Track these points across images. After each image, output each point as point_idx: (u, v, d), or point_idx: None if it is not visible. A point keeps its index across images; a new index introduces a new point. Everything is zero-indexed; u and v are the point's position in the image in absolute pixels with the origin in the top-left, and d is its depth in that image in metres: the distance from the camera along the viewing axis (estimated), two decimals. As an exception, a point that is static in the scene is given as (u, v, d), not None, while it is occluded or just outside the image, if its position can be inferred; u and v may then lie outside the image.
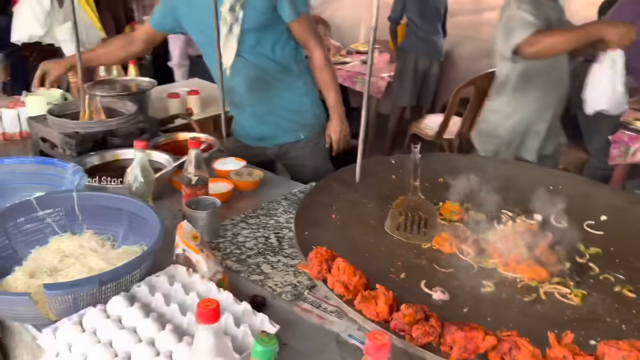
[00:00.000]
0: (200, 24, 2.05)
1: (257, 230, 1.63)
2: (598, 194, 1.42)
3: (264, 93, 2.12)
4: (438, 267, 1.12)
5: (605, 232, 1.26)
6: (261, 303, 1.31)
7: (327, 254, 0.97)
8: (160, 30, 2.19)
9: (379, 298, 0.87)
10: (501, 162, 1.57)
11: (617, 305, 1.02)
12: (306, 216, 1.22)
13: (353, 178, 1.46)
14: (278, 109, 2.14)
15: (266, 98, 2.13)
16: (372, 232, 1.21)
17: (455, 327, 0.80)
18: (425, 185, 1.45)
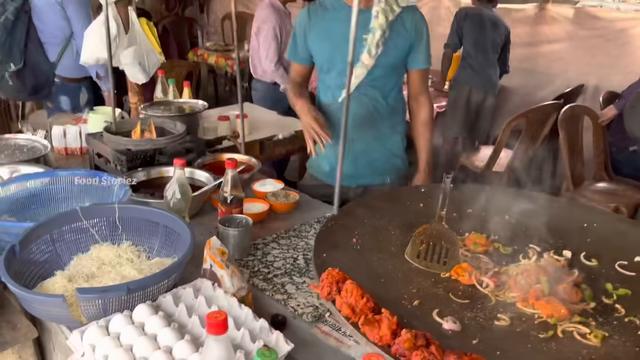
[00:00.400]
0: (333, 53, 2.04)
1: (287, 251, 1.67)
2: (635, 233, 1.36)
3: (368, 131, 2.10)
4: (454, 297, 1.11)
5: (638, 274, 1.21)
6: (281, 322, 1.34)
7: (338, 275, 0.99)
8: (306, 65, 2.16)
9: (383, 322, 0.88)
10: (535, 197, 1.54)
11: (638, 349, 0.97)
12: (327, 238, 1.25)
13: (380, 204, 1.47)
14: (377, 148, 2.13)
15: (368, 136, 2.11)
16: (391, 258, 1.22)
17: (455, 357, 0.80)
18: (453, 215, 1.45)
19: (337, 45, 2.00)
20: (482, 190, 1.63)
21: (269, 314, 1.37)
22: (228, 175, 1.66)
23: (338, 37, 1.98)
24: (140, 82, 2.89)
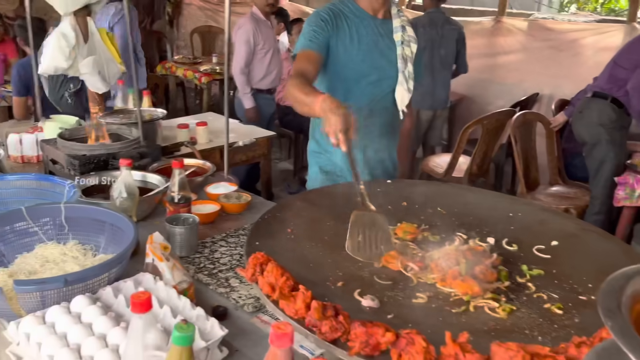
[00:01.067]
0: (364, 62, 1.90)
1: (235, 249, 1.72)
2: (554, 220, 1.45)
3: (388, 140, 2.05)
4: (378, 279, 1.18)
5: (553, 256, 1.30)
6: (222, 312, 1.39)
7: (263, 258, 1.05)
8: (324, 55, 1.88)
9: (298, 297, 0.94)
10: (467, 189, 1.63)
11: (541, 320, 1.05)
12: (262, 229, 1.30)
13: (318, 198, 1.54)
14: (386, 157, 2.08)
15: (385, 145, 2.05)
16: (323, 247, 1.28)
17: (359, 323, 0.86)
18: (388, 207, 1.52)
19: (369, 55, 1.90)
20: (419, 185, 1.71)
21: (212, 305, 1.42)
22: (175, 176, 1.71)
23: (368, 45, 1.90)
24: (100, 91, 2.93)
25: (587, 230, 1.40)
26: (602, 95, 3.43)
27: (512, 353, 0.79)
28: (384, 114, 1.97)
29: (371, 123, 1.91)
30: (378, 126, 1.97)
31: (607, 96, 3.41)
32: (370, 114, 1.91)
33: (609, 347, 0.72)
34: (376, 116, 1.95)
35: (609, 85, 3.41)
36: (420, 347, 0.82)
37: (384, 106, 1.96)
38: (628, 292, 0.67)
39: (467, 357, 0.80)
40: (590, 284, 1.18)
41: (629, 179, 3.19)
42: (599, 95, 3.45)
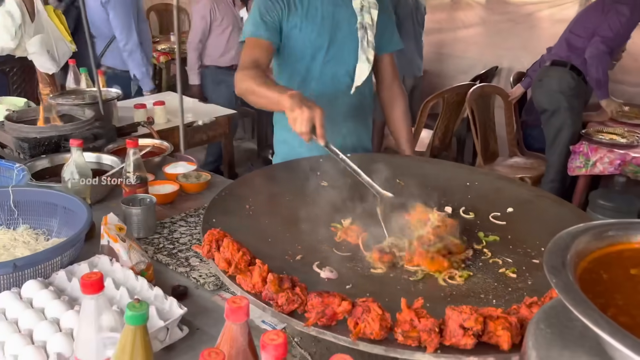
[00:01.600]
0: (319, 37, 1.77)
1: (194, 228, 1.69)
2: (510, 188, 1.48)
3: (355, 124, 1.89)
4: (337, 251, 1.18)
5: (508, 222, 1.32)
6: (182, 292, 1.37)
7: (219, 234, 1.03)
8: (275, 43, 1.76)
9: (255, 271, 0.93)
10: (425, 161, 1.64)
11: (496, 284, 1.07)
12: (220, 205, 1.28)
13: (278, 174, 1.53)
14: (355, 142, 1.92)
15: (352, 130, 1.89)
16: (282, 221, 1.27)
17: (315, 294, 0.86)
18: (348, 181, 1.51)
19: (324, 29, 1.75)
20: (379, 158, 1.71)
21: (171, 285, 1.40)
22: (130, 156, 1.66)
23: (323, 19, 1.75)
24: (50, 71, 2.81)
25: (541, 197, 1.43)
26: (562, 63, 3.51)
27: (465, 315, 0.81)
28: (349, 94, 1.82)
29: (335, 105, 1.79)
30: (343, 108, 1.83)
31: (566, 64, 3.48)
32: (334, 96, 1.80)
33: (555, 305, 0.73)
34: (340, 97, 1.82)
35: (567, 54, 3.48)
36: (375, 314, 0.82)
37: (348, 85, 1.81)
38: (573, 250, 0.69)
39: (421, 322, 0.81)
40: (544, 247, 1.20)
41: (584, 148, 3.28)
42: (559, 64, 3.52)
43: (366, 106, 1.89)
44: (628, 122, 3.69)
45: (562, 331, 0.68)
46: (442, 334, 0.82)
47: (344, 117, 1.84)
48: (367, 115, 1.93)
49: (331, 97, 1.78)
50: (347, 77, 1.79)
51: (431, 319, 0.82)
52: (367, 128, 1.95)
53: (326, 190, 1.47)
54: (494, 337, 0.81)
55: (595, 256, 0.71)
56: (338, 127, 1.82)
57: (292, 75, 1.81)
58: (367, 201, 1.41)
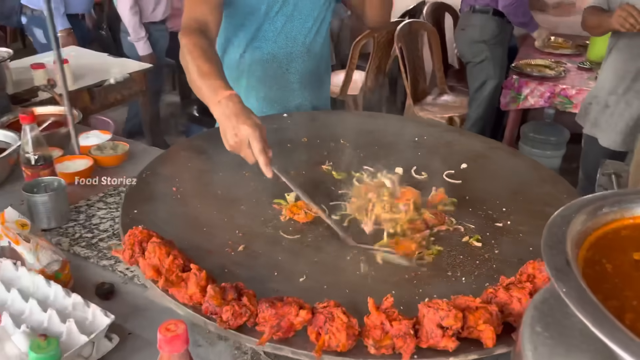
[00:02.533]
0: None
1: (116, 210, 1.49)
2: (460, 141, 1.38)
3: (311, 92, 1.64)
4: (284, 234, 1.04)
5: (464, 181, 1.23)
6: (108, 290, 1.19)
7: (142, 234, 0.86)
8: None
9: (190, 280, 0.77)
10: (368, 116, 1.51)
11: (462, 257, 0.98)
12: (141, 191, 1.09)
13: (207, 144, 1.34)
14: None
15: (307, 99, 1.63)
16: (216, 204, 1.11)
17: (267, 304, 0.72)
18: (287, 146, 1.36)
19: None
20: (319, 116, 1.56)
21: (95, 284, 1.22)
22: (27, 132, 1.41)
23: None
24: None
25: (494, 149, 1.35)
26: (484, 10, 3.42)
27: (443, 313, 0.70)
28: (307, 58, 1.58)
29: (289, 70, 1.56)
30: (297, 75, 1.59)
31: (488, 10, 3.40)
32: (288, 59, 1.55)
33: (547, 298, 0.64)
34: (296, 62, 1.57)
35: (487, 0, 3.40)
36: (340, 322, 0.70)
37: (306, 48, 1.56)
38: (569, 239, 0.59)
39: (394, 325, 0.70)
40: (504, 207, 1.12)
41: (514, 82, 3.26)
42: (481, 11, 3.43)
43: (322, 71, 1.66)
44: (554, 52, 3.71)
45: (561, 333, 0.58)
46: (417, 335, 0.71)
47: (299, 84, 1.60)
48: (324, 81, 1.70)
49: (285, 61, 1.55)
50: (303, 35, 1.54)
51: (404, 321, 0.70)
52: (325, 95, 1.73)
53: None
54: (475, 331, 0.72)
55: (592, 240, 0.61)
56: (292, 96, 1.61)
57: (240, 34, 1.53)
58: (314, 170, 1.27)
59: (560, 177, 1.20)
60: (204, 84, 1.19)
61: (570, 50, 3.75)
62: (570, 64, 3.47)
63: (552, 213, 1.08)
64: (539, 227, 1.04)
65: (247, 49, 1.52)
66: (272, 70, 1.54)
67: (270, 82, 1.55)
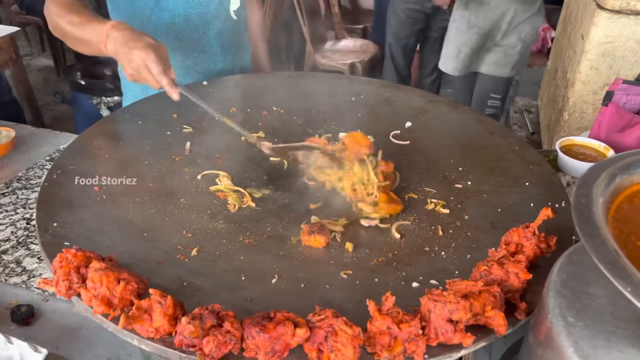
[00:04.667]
0: None
1: (15, 212, 1.26)
2: (400, 98, 1.31)
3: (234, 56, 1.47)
4: (240, 228, 0.91)
5: (411, 141, 1.17)
6: (26, 314, 1.01)
7: (77, 258, 0.69)
8: None
9: (154, 310, 0.64)
10: (297, 77, 1.38)
11: (433, 227, 0.92)
12: (55, 197, 0.90)
13: (123, 126, 1.15)
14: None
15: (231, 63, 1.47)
16: (151, 200, 0.95)
17: (257, 329, 0.61)
18: (215, 120, 1.20)
19: None
20: (242, 81, 1.41)
21: (8, 307, 1.02)
22: None
23: None
24: None
25: (434, 102, 1.29)
26: None
27: (451, 306, 0.64)
28: (225, 18, 1.40)
29: (207, 34, 1.38)
30: (217, 38, 1.42)
31: None
32: (205, 20, 1.36)
33: (566, 280, 0.60)
34: (214, 23, 1.38)
35: None
36: (345, 336, 0.61)
37: (223, 6, 1.39)
38: (597, 214, 0.54)
39: (403, 328, 0.63)
40: (460, 167, 1.08)
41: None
42: None
43: (242, 31, 1.49)
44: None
45: (594, 319, 0.55)
46: (424, 332, 0.65)
47: (220, 48, 1.42)
48: (245, 43, 1.53)
49: (200, 23, 1.35)
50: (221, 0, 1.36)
51: (413, 321, 0.64)
52: (248, 59, 1.56)
53: (193, 137, 1.15)
54: (482, 318, 0.67)
55: (612, 215, 0.57)
56: (213, 62, 1.42)
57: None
58: (247, 142, 1.14)
59: (507, 128, 1.18)
60: (85, 32, 1.10)
61: None
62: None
63: (508, 168, 1.07)
64: (500, 185, 1.03)
65: (154, 11, 1.30)
66: (186, 34, 1.34)
67: (186, 47, 1.36)
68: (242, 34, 1.48)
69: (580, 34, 1.57)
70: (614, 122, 1.20)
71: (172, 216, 0.92)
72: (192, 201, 0.96)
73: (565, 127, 1.63)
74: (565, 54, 1.75)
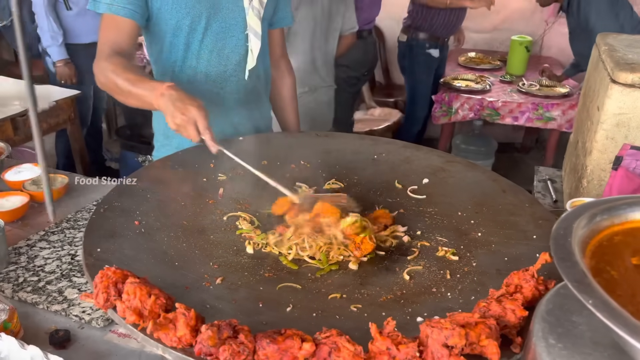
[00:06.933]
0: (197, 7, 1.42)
1: (62, 248, 1.38)
2: (419, 156, 1.41)
3: (249, 110, 1.59)
4: (261, 264, 1.00)
5: (428, 196, 1.25)
6: (63, 338, 1.09)
7: (116, 275, 0.79)
8: (139, 21, 1.38)
9: (178, 320, 0.72)
10: (325, 136, 1.51)
11: (442, 272, 0.98)
12: (100, 228, 1.01)
13: (164, 173, 1.27)
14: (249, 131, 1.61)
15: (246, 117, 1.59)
16: (184, 235, 1.05)
17: (267, 341, 0.68)
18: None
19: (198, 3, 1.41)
20: (273, 138, 1.53)
21: (47, 331, 1.11)
22: (-47, 170, 1.27)
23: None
24: None
25: (452, 162, 1.38)
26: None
27: (447, 332, 0.69)
28: (242, 77, 1.53)
29: (224, 89, 1.52)
30: (234, 94, 1.55)
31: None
32: (222, 77, 1.51)
33: (552, 309, 0.65)
34: (230, 80, 1.52)
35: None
36: (347, 352, 0.67)
37: (238, 64, 1.51)
38: (576, 250, 0.60)
39: (400, 349, 0.68)
40: (472, 220, 1.15)
41: (445, 97, 3.40)
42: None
43: (261, 89, 1.63)
44: (476, 67, 3.91)
45: (574, 343, 0.60)
46: (421, 356, 0.70)
47: (236, 103, 1.56)
48: (263, 99, 1.67)
49: (219, 80, 1.51)
50: (237, 54, 1.50)
51: (411, 344, 0.69)
52: (265, 114, 1.69)
53: (226, 184, 1.26)
54: (478, 347, 0.72)
55: (592, 249, 0.63)
56: (228, 116, 1.56)
57: (168, 53, 1.47)
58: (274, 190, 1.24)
59: (519, 187, 1.25)
60: (139, 89, 1.26)
61: (491, 65, 3.97)
62: (492, 78, 3.67)
63: (518, 222, 1.13)
64: (509, 237, 1.08)
65: (181, 68, 1.48)
66: (206, 89, 1.49)
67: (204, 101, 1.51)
68: (258, 91, 1.61)
69: (597, 106, 1.65)
70: (624, 186, 1.25)
71: (202, 250, 1.02)
72: (220, 238, 1.06)
73: (585, 193, 1.67)
74: (585, 125, 1.82)
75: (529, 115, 3.29)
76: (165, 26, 1.43)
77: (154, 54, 1.50)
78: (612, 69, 1.53)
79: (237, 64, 1.50)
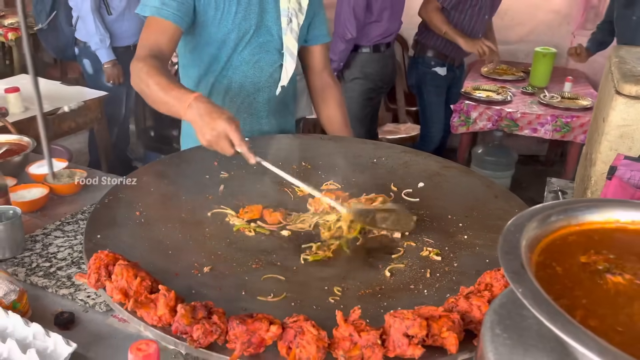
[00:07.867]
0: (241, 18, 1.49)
1: (74, 238, 1.46)
2: (417, 161, 1.44)
3: (278, 120, 1.67)
4: (251, 254, 1.05)
5: (421, 199, 1.28)
6: (68, 320, 1.16)
7: (108, 258, 0.85)
8: (183, 26, 1.43)
9: (159, 300, 0.77)
10: (327, 139, 1.55)
11: (422, 270, 1.02)
12: (103, 216, 1.08)
13: (169, 169, 1.34)
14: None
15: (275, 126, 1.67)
16: (181, 227, 1.11)
17: (237, 321, 0.73)
18: (253, 168, 1.37)
19: (251, 10, 1.48)
20: (275, 140, 1.59)
21: (54, 313, 1.19)
22: (-22, 160, 1.37)
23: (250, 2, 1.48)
24: None
25: (448, 168, 1.41)
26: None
27: (408, 322, 0.73)
28: (274, 87, 1.61)
29: (256, 98, 1.59)
30: (265, 104, 1.62)
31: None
32: (256, 88, 1.58)
33: (505, 303, 0.68)
34: (263, 91, 1.60)
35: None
36: (311, 336, 0.72)
37: (271, 76, 1.59)
38: (523, 245, 0.63)
39: (362, 336, 0.72)
40: (461, 223, 1.18)
41: (463, 107, 3.40)
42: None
43: (289, 99, 1.70)
44: (498, 78, 3.90)
45: (520, 334, 0.62)
46: (384, 344, 0.74)
47: (266, 112, 1.63)
48: (290, 109, 1.74)
49: (252, 90, 1.58)
50: (271, 67, 1.58)
51: (372, 332, 0.73)
52: (290, 122, 1.76)
53: (227, 181, 1.32)
54: (439, 339, 0.75)
55: (542, 246, 0.66)
56: (259, 124, 1.63)
57: (207, 63, 1.54)
58: (273, 189, 1.29)
59: (512, 194, 1.27)
60: (168, 96, 1.25)
61: (514, 77, 3.95)
62: (514, 89, 3.66)
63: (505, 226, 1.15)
64: (494, 240, 1.10)
65: (217, 78, 1.55)
66: (239, 99, 1.58)
67: (237, 109, 1.59)
68: (286, 102, 1.69)
69: (602, 117, 1.65)
70: (618, 195, 1.25)
71: (196, 241, 1.07)
72: (215, 231, 1.12)
73: (589, 204, 1.67)
74: (593, 137, 1.82)
75: (548, 127, 3.26)
76: (209, 38, 1.50)
77: (186, 60, 1.57)
78: (617, 80, 1.54)
79: (269, 76, 1.58)
